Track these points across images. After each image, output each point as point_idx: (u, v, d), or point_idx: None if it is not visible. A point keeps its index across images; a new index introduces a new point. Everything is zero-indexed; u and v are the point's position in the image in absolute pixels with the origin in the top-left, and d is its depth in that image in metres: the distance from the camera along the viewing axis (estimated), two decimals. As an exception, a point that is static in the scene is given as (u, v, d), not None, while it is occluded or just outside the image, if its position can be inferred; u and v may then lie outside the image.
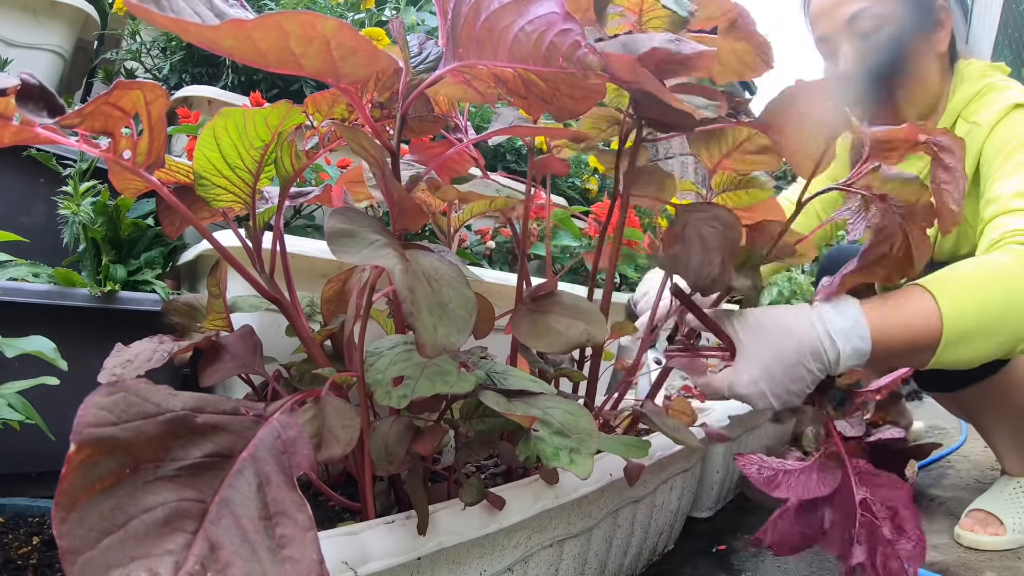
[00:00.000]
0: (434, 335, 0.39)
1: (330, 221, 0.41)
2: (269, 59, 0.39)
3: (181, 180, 0.60)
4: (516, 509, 0.58)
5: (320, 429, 0.45)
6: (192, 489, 0.29)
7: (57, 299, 0.86)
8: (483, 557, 0.56)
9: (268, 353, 0.67)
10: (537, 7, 0.41)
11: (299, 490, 0.33)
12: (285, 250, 0.61)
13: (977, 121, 0.97)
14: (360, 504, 0.55)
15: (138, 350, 0.62)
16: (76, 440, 0.27)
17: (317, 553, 0.30)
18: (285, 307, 0.57)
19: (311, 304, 0.76)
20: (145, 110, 0.44)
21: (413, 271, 0.41)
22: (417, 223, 0.49)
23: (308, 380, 0.67)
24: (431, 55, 0.54)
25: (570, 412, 0.53)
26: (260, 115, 0.49)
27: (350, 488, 0.73)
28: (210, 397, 0.35)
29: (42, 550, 0.63)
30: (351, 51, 0.39)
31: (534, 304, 0.65)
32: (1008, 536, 0.98)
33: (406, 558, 0.48)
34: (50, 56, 1.61)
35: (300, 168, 0.56)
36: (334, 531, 0.47)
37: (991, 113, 0.95)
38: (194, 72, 1.57)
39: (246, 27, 0.36)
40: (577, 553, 0.70)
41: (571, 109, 0.47)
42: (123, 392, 0.30)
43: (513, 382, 0.56)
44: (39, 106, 0.42)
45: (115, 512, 0.26)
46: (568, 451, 0.49)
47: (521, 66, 0.44)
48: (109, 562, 0.25)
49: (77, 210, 0.97)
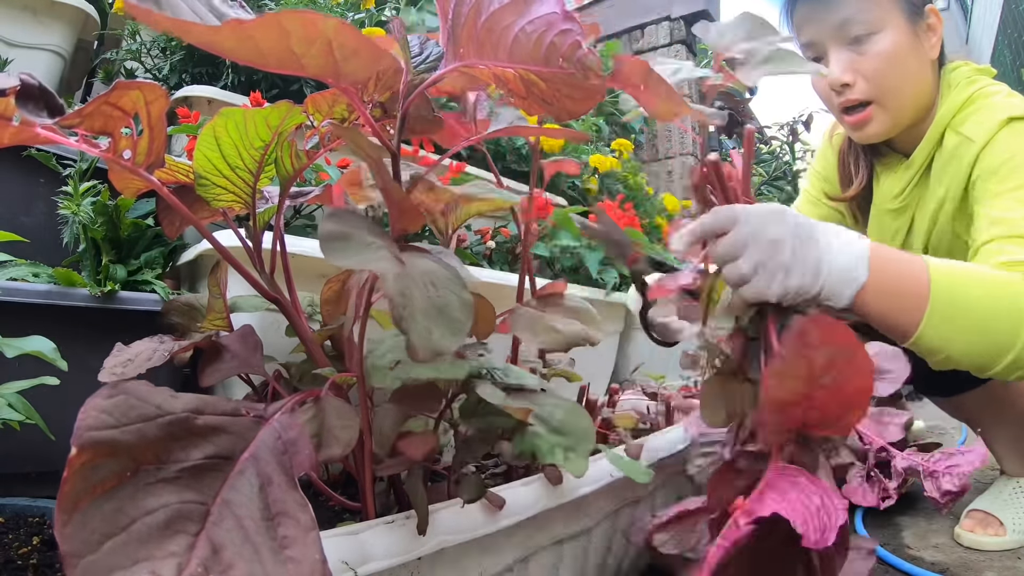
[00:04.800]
0: (427, 338, 0.39)
1: (324, 224, 0.41)
2: (270, 60, 0.39)
3: (181, 180, 0.60)
4: (516, 509, 0.58)
5: (320, 429, 0.45)
6: (193, 491, 0.29)
7: (57, 299, 0.86)
8: (483, 557, 0.56)
9: (268, 353, 0.67)
10: (537, 7, 0.41)
11: (300, 490, 0.33)
12: (285, 250, 0.61)
13: (968, 135, 0.94)
14: (360, 504, 0.55)
15: (138, 350, 0.62)
16: (77, 443, 0.27)
17: (320, 553, 0.30)
18: (285, 307, 0.57)
19: (311, 304, 0.76)
20: (145, 110, 0.44)
21: (408, 274, 0.41)
22: (416, 224, 0.49)
23: (308, 380, 0.67)
24: (432, 55, 0.54)
25: (568, 411, 0.53)
26: (260, 115, 0.49)
27: (350, 488, 0.73)
28: (210, 399, 0.35)
29: (42, 550, 0.63)
30: (353, 51, 0.39)
31: (536, 303, 0.65)
32: (1008, 536, 0.98)
33: (406, 558, 0.48)
34: (50, 56, 1.61)
35: (300, 168, 0.56)
36: (334, 531, 0.47)
37: (983, 128, 0.92)
38: (194, 72, 1.57)
39: (247, 28, 0.36)
40: (577, 553, 0.70)
41: (571, 110, 0.47)
42: (123, 395, 0.30)
43: (513, 378, 0.57)
44: (39, 106, 0.42)
45: (117, 515, 0.26)
46: (564, 449, 0.49)
47: (521, 66, 0.44)
48: (111, 565, 0.25)
49: (77, 210, 0.97)
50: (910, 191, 1.06)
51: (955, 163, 0.96)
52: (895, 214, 1.10)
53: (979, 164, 0.92)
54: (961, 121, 0.97)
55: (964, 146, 0.94)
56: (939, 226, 1.02)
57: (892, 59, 0.96)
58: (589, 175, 2.18)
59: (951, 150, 0.97)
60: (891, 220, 1.11)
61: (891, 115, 0.99)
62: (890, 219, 1.11)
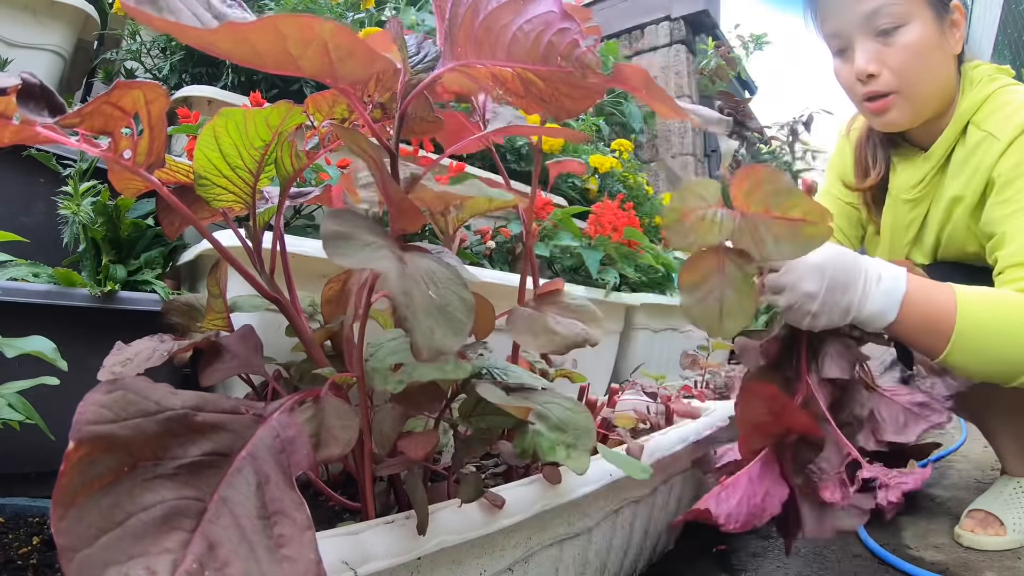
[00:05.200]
0: (430, 338, 0.39)
1: (326, 223, 0.41)
2: (267, 61, 0.39)
3: (181, 180, 0.60)
4: (516, 509, 0.58)
5: (319, 429, 0.45)
6: (191, 487, 0.29)
7: (57, 299, 0.86)
8: (483, 557, 0.56)
9: (268, 353, 0.67)
10: (535, 6, 0.41)
11: (297, 489, 0.33)
12: (285, 250, 0.61)
13: (992, 132, 0.96)
14: (360, 504, 0.55)
15: (138, 349, 0.62)
16: (75, 438, 0.28)
17: (315, 552, 0.30)
18: (285, 307, 0.57)
19: (311, 304, 0.76)
20: (145, 110, 0.44)
21: (409, 274, 0.41)
22: (415, 224, 0.49)
23: (308, 380, 0.67)
24: (429, 54, 0.54)
25: (569, 408, 0.53)
26: (260, 115, 0.49)
27: (350, 488, 0.73)
28: (210, 396, 0.35)
29: (42, 550, 0.63)
30: (348, 53, 0.39)
31: (535, 303, 0.65)
32: (1008, 536, 0.98)
33: (406, 558, 0.48)
34: (50, 56, 1.61)
35: (300, 168, 0.56)
36: (334, 531, 0.47)
37: (1008, 127, 0.94)
38: (194, 72, 1.58)
39: (243, 30, 0.36)
40: (577, 553, 0.70)
41: (569, 108, 0.47)
42: (122, 390, 0.30)
43: (513, 378, 0.57)
44: (39, 106, 0.43)
45: (113, 510, 0.26)
46: (565, 446, 0.49)
47: (519, 65, 0.44)
48: (107, 560, 0.25)
49: (77, 210, 0.97)
50: (927, 183, 1.07)
51: (977, 158, 0.97)
52: (911, 204, 1.11)
53: (1003, 163, 0.93)
54: (984, 118, 0.98)
55: (987, 142, 0.95)
56: (954, 220, 1.03)
57: (919, 52, 0.97)
58: (589, 175, 2.18)
59: (973, 145, 0.98)
60: (906, 211, 1.12)
61: (913, 106, 1.00)
62: (905, 210, 1.12)
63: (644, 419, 1.04)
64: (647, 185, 2.46)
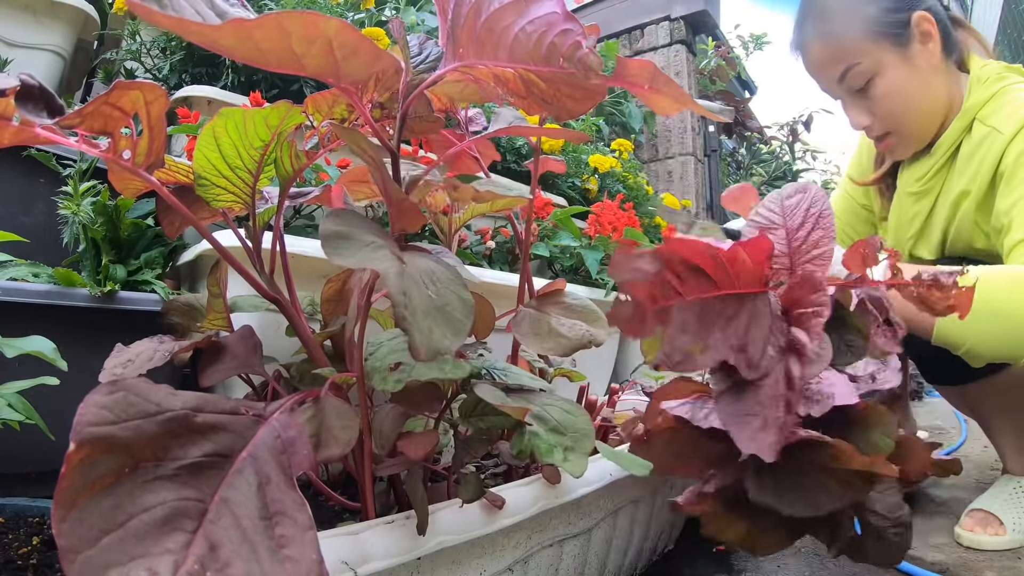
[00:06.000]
0: (429, 338, 0.39)
1: (325, 223, 0.41)
2: (270, 59, 0.39)
3: (181, 180, 0.60)
4: (516, 509, 0.58)
5: (319, 429, 0.45)
6: (192, 488, 0.29)
7: (57, 299, 0.86)
8: (483, 557, 0.56)
9: (268, 353, 0.67)
10: (537, 7, 0.41)
11: (299, 490, 0.32)
12: (285, 250, 0.61)
13: (996, 126, 0.97)
14: (360, 504, 0.55)
15: (138, 350, 0.62)
16: (76, 439, 0.27)
17: (317, 553, 0.30)
18: (285, 307, 0.57)
19: (311, 304, 0.76)
20: (145, 110, 0.44)
21: (408, 274, 0.41)
22: (415, 224, 0.49)
23: (308, 380, 0.67)
24: (431, 55, 0.54)
25: (568, 411, 0.53)
26: (260, 115, 0.49)
27: (350, 488, 0.73)
28: (210, 397, 0.35)
29: (42, 550, 0.63)
30: (353, 51, 0.39)
31: (537, 304, 0.65)
32: (1008, 536, 0.98)
33: (406, 558, 0.48)
34: (50, 56, 1.61)
35: (300, 168, 0.56)
36: (334, 531, 0.47)
37: (1012, 121, 0.95)
38: (194, 72, 1.57)
39: (247, 27, 0.36)
40: (577, 553, 0.70)
41: (571, 109, 0.47)
42: (123, 391, 0.30)
43: (512, 378, 0.56)
44: (39, 106, 0.42)
45: (114, 511, 0.26)
46: (563, 449, 0.49)
47: (521, 66, 0.44)
48: (108, 561, 0.25)
49: (77, 210, 0.97)
50: (932, 176, 1.08)
51: (981, 153, 0.99)
52: (915, 197, 1.12)
53: (1007, 155, 0.94)
54: (989, 114, 1.00)
55: (992, 137, 0.97)
56: (961, 214, 1.04)
57: (896, 94, 1.03)
58: (589, 175, 2.18)
59: (978, 140, 1.00)
60: (911, 203, 1.13)
61: (912, 136, 1.08)
62: (910, 202, 1.13)
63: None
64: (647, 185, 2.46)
